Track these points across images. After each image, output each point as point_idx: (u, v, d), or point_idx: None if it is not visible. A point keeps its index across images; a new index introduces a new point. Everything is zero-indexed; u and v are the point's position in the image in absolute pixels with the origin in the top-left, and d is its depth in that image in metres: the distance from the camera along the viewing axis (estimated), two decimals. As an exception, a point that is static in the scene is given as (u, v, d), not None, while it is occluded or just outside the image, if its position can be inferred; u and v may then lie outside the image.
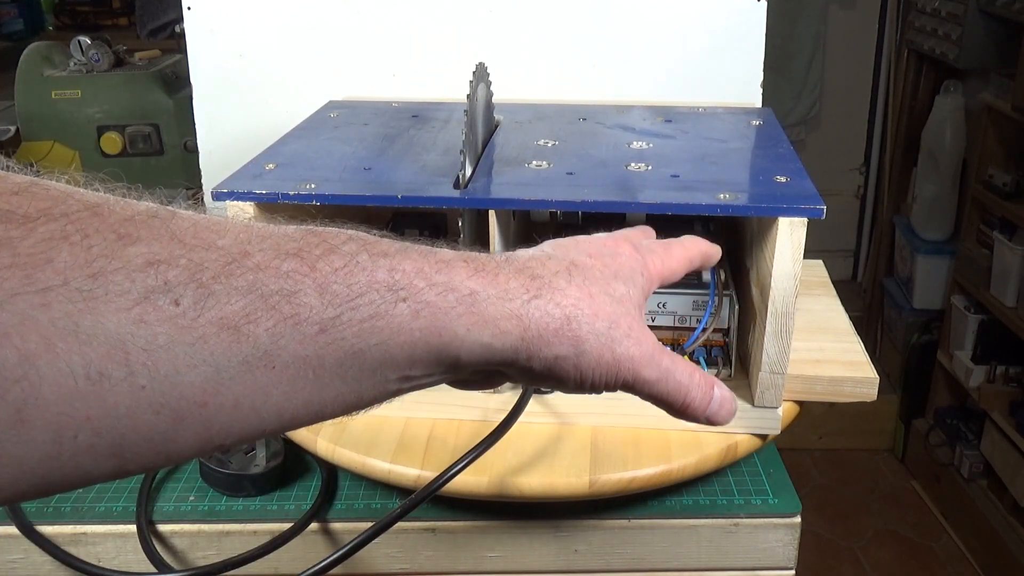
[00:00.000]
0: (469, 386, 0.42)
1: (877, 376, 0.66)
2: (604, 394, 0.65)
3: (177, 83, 1.22)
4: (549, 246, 0.43)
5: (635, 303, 0.42)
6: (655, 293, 0.67)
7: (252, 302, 0.30)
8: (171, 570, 0.64)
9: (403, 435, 0.66)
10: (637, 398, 0.61)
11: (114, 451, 0.28)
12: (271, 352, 0.30)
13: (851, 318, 0.76)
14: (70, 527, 0.67)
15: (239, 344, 0.30)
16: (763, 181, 0.63)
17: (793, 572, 0.68)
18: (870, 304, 2.74)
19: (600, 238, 0.45)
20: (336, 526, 0.67)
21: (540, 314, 0.37)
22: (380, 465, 0.63)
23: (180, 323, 0.29)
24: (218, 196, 0.63)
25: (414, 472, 0.62)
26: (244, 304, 0.30)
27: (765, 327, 0.61)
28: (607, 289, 0.40)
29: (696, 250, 0.50)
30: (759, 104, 0.98)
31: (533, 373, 0.38)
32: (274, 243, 0.32)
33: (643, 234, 0.50)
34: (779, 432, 0.65)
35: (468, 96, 0.64)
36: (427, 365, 0.35)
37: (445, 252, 0.37)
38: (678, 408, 0.44)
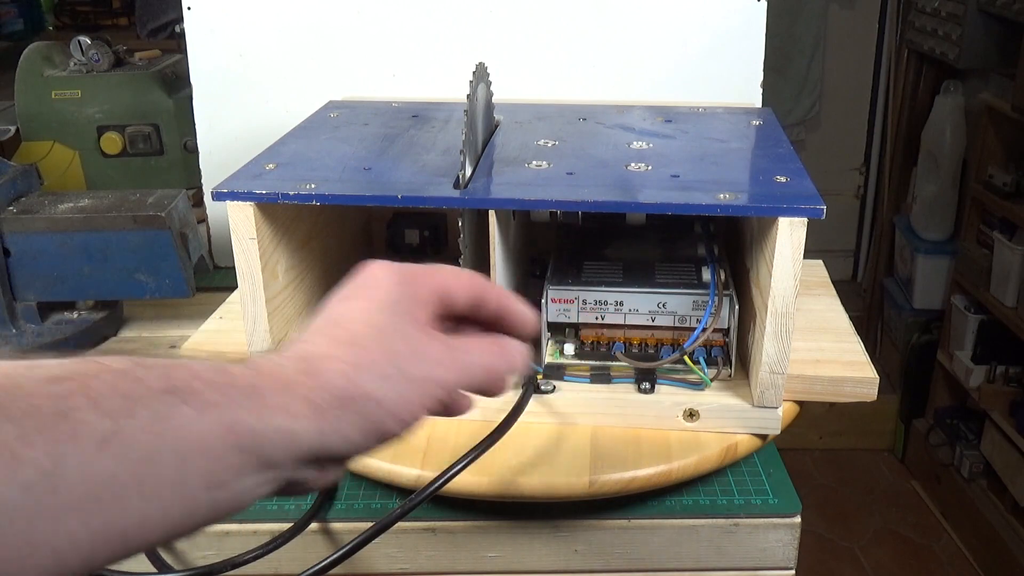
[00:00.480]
0: (307, 485, 0.39)
1: (877, 376, 0.66)
2: (604, 394, 0.65)
3: (177, 83, 1.22)
4: (318, 315, 0.43)
5: (410, 320, 0.42)
6: (654, 293, 0.67)
7: (25, 426, 0.29)
8: (171, 570, 0.64)
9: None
10: (637, 398, 0.62)
11: None
12: (55, 474, 0.29)
13: (851, 318, 0.76)
14: (70, 527, 0.67)
15: (18, 470, 0.29)
16: (763, 181, 0.63)
17: (793, 572, 0.68)
18: (870, 304, 2.73)
19: (355, 275, 0.45)
20: (336, 526, 0.67)
21: (322, 387, 0.37)
22: (380, 465, 0.63)
23: None
24: (218, 196, 0.63)
25: (414, 472, 0.62)
26: (17, 429, 0.29)
27: (765, 327, 0.61)
28: (374, 326, 0.40)
29: (467, 276, 0.47)
30: (759, 104, 0.98)
31: (355, 441, 0.38)
32: (45, 371, 0.32)
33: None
34: (779, 432, 0.65)
35: (468, 96, 0.64)
36: (230, 465, 0.34)
37: (215, 361, 0.37)
38: (495, 389, 0.45)
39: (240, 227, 0.63)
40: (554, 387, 0.67)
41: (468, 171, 0.64)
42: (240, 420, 0.34)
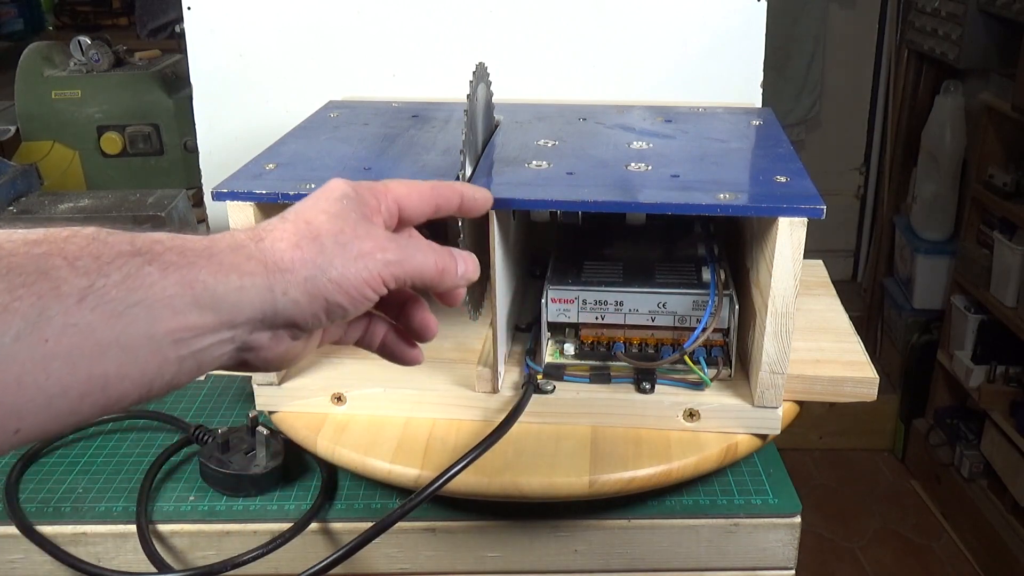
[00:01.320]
0: (261, 357, 0.43)
1: (877, 376, 0.66)
2: (604, 394, 0.65)
3: (177, 83, 1.22)
4: None
5: (355, 208, 0.46)
6: (654, 293, 0.67)
7: (11, 281, 0.33)
8: (171, 570, 0.64)
9: (403, 435, 0.66)
10: (637, 397, 0.62)
11: None
12: (40, 324, 0.33)
13: (851, 318, 0.76)
14: (70, 527, 0.67)
15: (8, 321, 0.32)
16: (763, 181, 0.63)
17: (793, 572, 0.68)
18: (870, 304, 2.74)
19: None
20: (336, 526, 0.67)
21: (271, 253, 0.42)
22: (380, 465, 0.63)
23: None
24: (218, 196, 0.63)
25: (414, 472, 0.62)
26: (5, 284, 0.33)
27: (765, 327, 0.61)
28: (321, 210, 0.45)
29: (446, 185, 0.53)
30: (759, 104, 0.98)
31: (302, 306, 0.42)
32: (21, 236, 0.35)
33: None
34: (779, 432, 0.65)
35: (468, 96, 0.64)
36: (193, 323, 0.38)
37: (172, 231, 0.41)
38: (434, 277, 0.48)
39: (240, 227, 0.63)
40: (554, 387, 0.67)
41: (468, 171, 0.64)
42: (198, 278, 0.38)
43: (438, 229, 0.90)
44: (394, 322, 0.53)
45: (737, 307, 0.66)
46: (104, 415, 0.37)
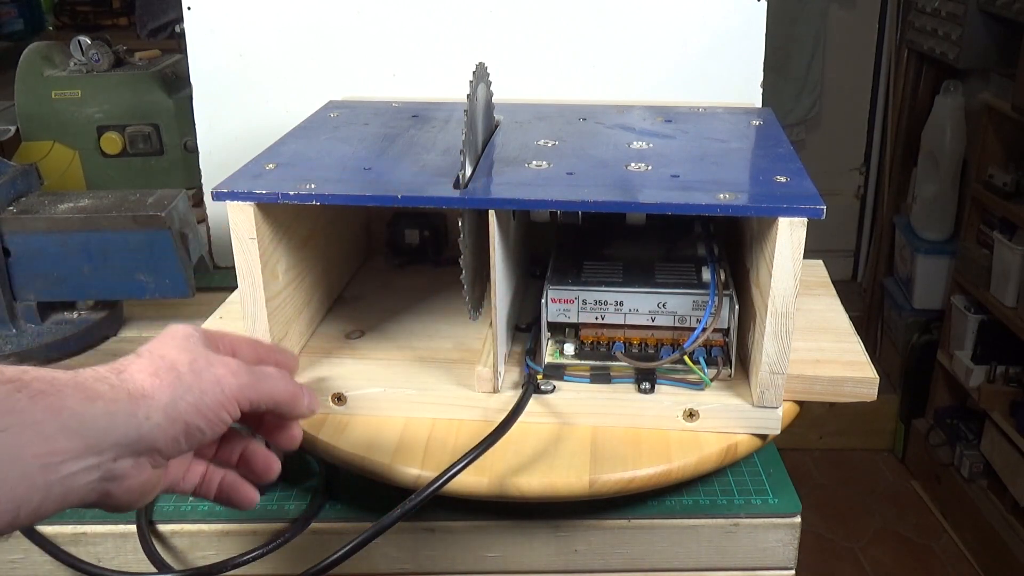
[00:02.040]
0: (124, 487, 0.45)
1: (877, 376, 0.66)
2: (604, 394, 0.65)
3: (177, 83, 1.22)
4: None
5: (203, 343, 0.50)
6: (654, 293, 0.67)
7: None
8: (171, 570, 0.64)
9: (403, 435, 0.66)
10: (637, 397, 0.62)
11: None
12: None
13: (851, 318, 0.76)
14: (70, 527, 0.67)
15: None
16: (763, 181, 0.63)
17: (793, 572, 0.68)
18: (870, 304, 2.73)
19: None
20: (336, 526, 0.67)
21: (131, 379, 0.45)
22: (380, 465, 0.63)
23: None
24: (218, 196, 0.63)
25: (414, 472, 0.62)
26: None
27: (765, 327, 0.61)
28: (171, 346, 0.48)
29: (274, 352, 0.58)
30: (759, 104, 0.98)
31: (166, 431, 0.44)
32: None
33: None
34: (779, 432, 0.65)
35: (468, 96, 0.64)
36: (61, 449, 0.40)
37: (34, 365, 0.43)
38: (286, 401, 0.52)
39: (240, 227, 0.63)
40: (554, 387, 0.67)
41: (468, 171, 0.64)
42: (65, 405, 0.40)
43: (436, 228, 0.90)
44: (231, 468, 0.55)
45: (737, 307, 0.66)
46: None
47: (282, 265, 0.69)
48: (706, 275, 0.68)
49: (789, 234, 0.58)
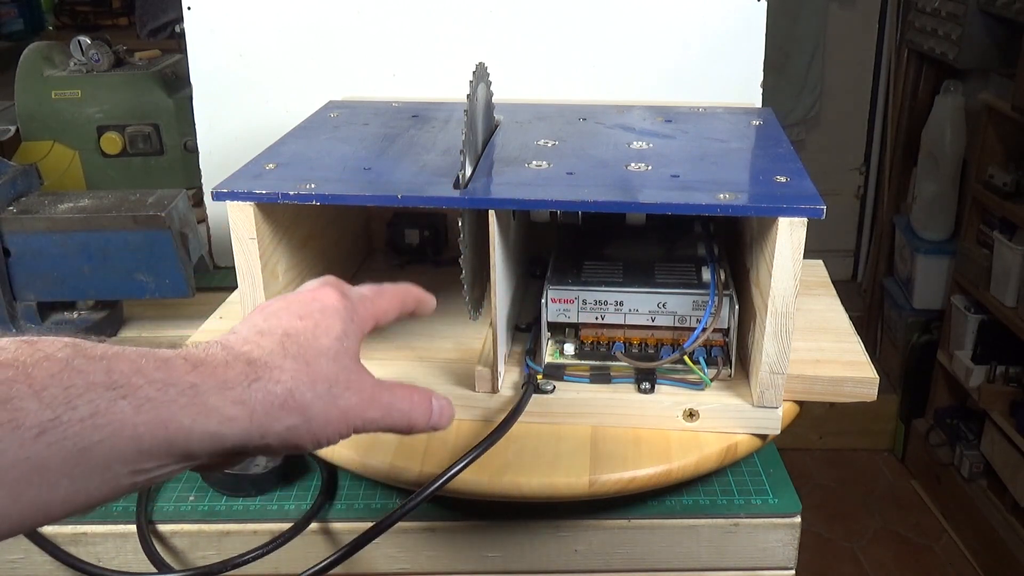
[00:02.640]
0: (212, 468, 0.43)
1: (877, 376, 0.66)
2: (604, 394, 0.65)
3: (177, 83, 1.22)
4: (260, 317, 0.45)
5: (351, 353, 0.45)
6: (654, 293, 0.67)
7: None
8: (171, 570, 0.64)
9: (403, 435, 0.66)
10: (637, 397, 0.63)
11: None
12: None
13: (851, 318, 0.76)
14: (70, 527, 0.67)
15: None
16: (763, 181, 0.63)
17: (793, 572, 0.68)
18: (870, 304, 2.73)
19: (306, 293, 0.48)
20: (336, 526, 0.67)
21: (263, 395, 0.40)
22: (380, 465, 0.63)
23: None
24: (218, 196, 0.63)
25: (414, 472, 0.62)
26: None
27: (765, 327, 0.61)
28: (322, 351, 0.43)
29: (410, 294, 0.54)
30: (759, 104, 0.98)
31: (271, 448, 0.41)
32: None
33: (343, 282, 0.51)
34: (779, 432, 0.65)
35: (468, 96, 0.64)
36: (158, 457, 0.36)
37: (163, 351, 0.38)
38: (405, 431, 0.48)
39: (240, 227, 0.63)
40: (554, 387, 0.67)
41: (468, 171, 0.64)
42: (174, 418, 0.36)
43: (436, 228, 0.90)
44: None
45: (737, 307, 0.66)
46: (39, 527, 0.37)
47: (282, 265, 0.69)
48: (706, 275, 0.68)
49: (789, 234, 0.58)
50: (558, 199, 0.60)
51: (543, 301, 0.67)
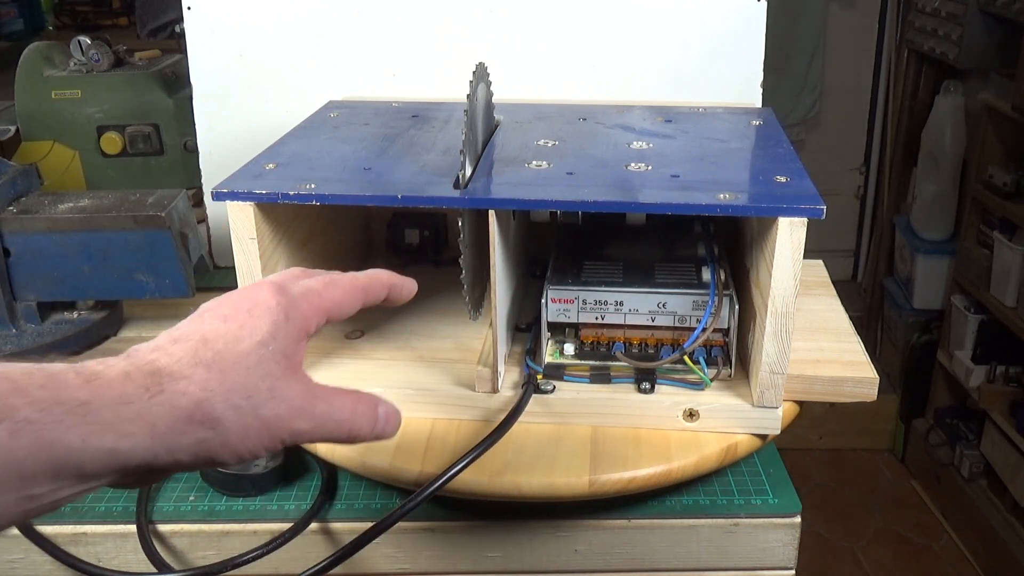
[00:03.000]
0: (133, 486, 0.39)
1: (877, 376, 0.66)
2: (604, 394, 0.65)
3: (177, 83, 1.22)
4: (188, 320, 0.42)
5: (279, 357, 0.41)
6: (654, 293, 0.67)
7: None
8: (171, 570, 0.64)
9: (403, 435, 0.66)
10: (637, 397, 0.62)
11: None
12: None
13: (851, 318, 0.76)
14: (70, 527, 0.67)
15: None
16: (763, 181, 0.63)
17: (793, 572, 0.68)
18: (870, 304, 2.73)
19: (242, 291, 0.44)
20: (336, 526, 0.67)
21: (165, 409, 0.37)
22: (380, 465, 0.63)
23: None
24: (218, 196, 0.63)
25: (414, 472, 0.62)
26: None
27: (765, 327, 0.61)
28: (241, 356, 0.40)
29: (377, 282, 0.50)
30: (759, 104, 0.98)
31: (184, 464, 0.38)
32: None
33: (296, 275, 0.48)
34: (779, 432, 0.65)
35: (468, 96, 0.64)
36: (46, 480, 0.34)
37: (54, 365, 0.36)
38: (346, 442, 0.44)
39: (240, 227, 0.63)
40: (554, 387, 0.67)
41: (468, 171, 0.64)
42: (61, 441, 0.34)
43: (436, 228, 0.90)
44: None
45: (737, 307, 0.66)
46: None
47: (282, 265, 0.69)
48: (706, 275, 0.68)
49: (789, 234, 0.58)
50: (558, 199, 0.60)
51: (543, 301, 0.67)
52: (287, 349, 0.42)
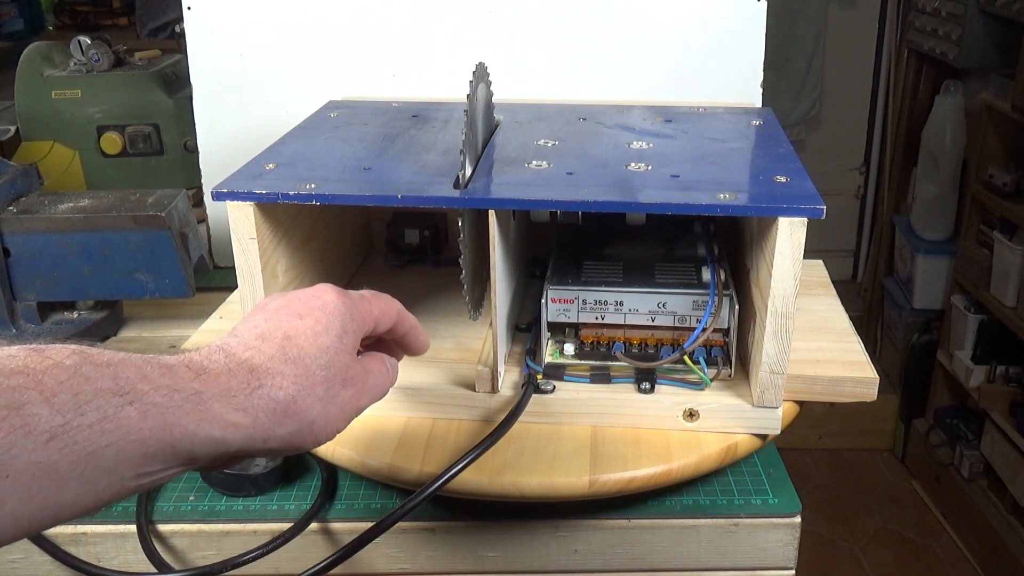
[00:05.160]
0: (213, 469, 0.44)
1: (877, 376, 0.66)
2: (604, 394, 0.65)
3: (177, 83, 1.22)
4: (261, 317, 0.46)
5: (350, 347, 0.47)
6: (654, 293, 0.67)
7: None
8: (171, 570, 0.64)
9: (403, 435, 0.66)
10: (637, 397, 0.62)
11: None
12: (4, 462, 0.32)
13: (851, 318, 0.76)
14: (70, 527, 0.67)
15: None
16: (763, 181, 0.63)
17: (793, 572, 0.68)
18: (870, 304, 2.73)
19: (305, 291, 0.49)
20: (336, 526, 0.67)
21: (265, 402, 0.41)
22: (380, 465, 0.63)
23: None
24: (218, 196, 0.63)
25: (414, 472, 0.62)
26: None
27: (765, 327, 0.61)
28: (322, 350, 0.45)
29: (407, 315, 0.55)
30: (759, 104, 0.98)
31: (273, 451, 0.42)
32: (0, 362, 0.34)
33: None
34: (779, 432, 0.65)
35: (468, 96, 0.64)
36: (162, 460, 0.38)
37: (166, 358, 0.39)
38: (387, 391, 0.52)
39: (240, 227, 0.63)
40: (554, 387, 0.67)
41: (468, 171, 0.64)
42: (179, 425, 0.37)
43: (436, 228, 0.90)
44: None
45: (737, 307, 0.66)
46: (49, 528, 0.37)
47: (282, 265, 0.69)
48: (706, 275, 0.68)
49: (789, 234, 0.58)
50: (558, 199, 0.60)
51: (543, 301, 0.67)
52: (354, 343, 0.48)
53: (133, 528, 0.66)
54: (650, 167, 0.66)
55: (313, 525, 0.67)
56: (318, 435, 0.44)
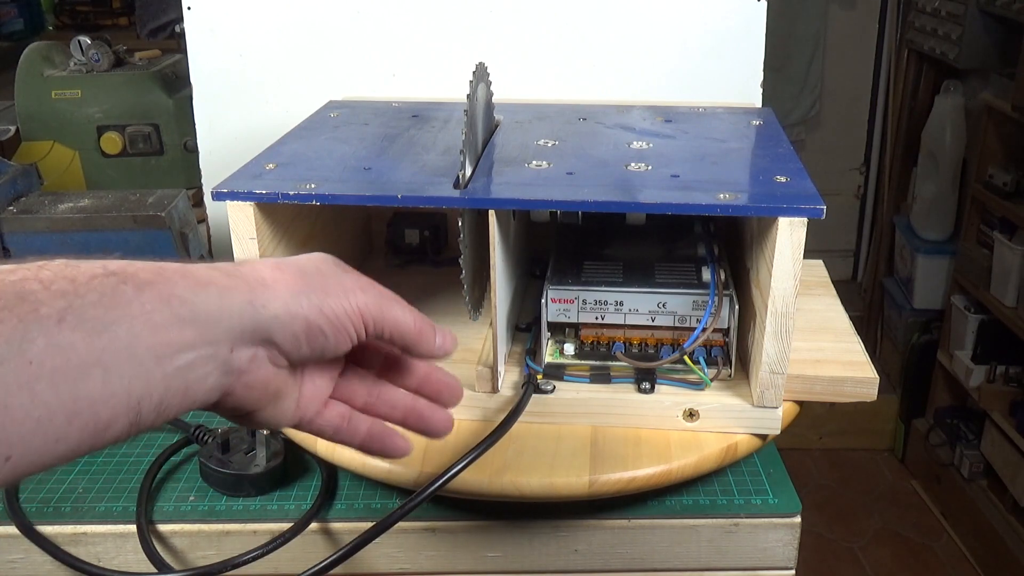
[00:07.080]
0: (245, 384, 0.42)
1: (877, 376, 0.66)
2: (604, 394, 0.65)
3: (177, 83, 1.22)
4: (267, 267, 0.46)
5: (335, 265, 0.47)
6: (654, 293, 0.67)
7: None
8: (171, 570, 0.64)
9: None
10: (637, 397, 0.62)
11: None
12: (23, 346, 0.33)
13: (851, 318, 0.76)
14: (70, 527, 0.67)
15: None
16: (763, 181, 0.63)
17: (793, 572, 0.68)
18: (870, 304, 2.73)
19: (295, 257, 0.49)
20: (336, 526, 0.67)
21: (250, 270, 0.42)
22: (380, 465, 0.63)
23: None
24: (218, 196, 0.63)
25: (414, 472, 0.62)
26: None
27: (765, 327, 0.61)
28: (298, 258, 0.46)
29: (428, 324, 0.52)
30: (759, 104, 0.98)
31: (284, 325, 0.42)
32: None
33: None
34: (779, 432, 0.65)
35: (468, 96, 0.64)
36: (174, 338, 0.38)
37: (198, 265, 0.41)
38: (414, 341, 0.48)
39: (240, 227, 0.63)
40: (554, 387, 0.67)
41: (468, 171, 0.64)
42: (174, 293, 0.38)
43: (436, 228, 0.90)
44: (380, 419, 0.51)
45: (737, 307, 0.66)
46: (96, 445, 0.37)
47: (282, 265, 0.69)
48: (706, 275, 0.68)
49: (789, 234, 0.58)
50: (558, 199, 0.60)
51: (543, 301, 0.67)
52: (341, 265, 0.47)
53: (133, 528, 0.66)
54: (650, 167, 0.66)
55: (313, 525, 0.67)
56: (321, 307, 0.43)
